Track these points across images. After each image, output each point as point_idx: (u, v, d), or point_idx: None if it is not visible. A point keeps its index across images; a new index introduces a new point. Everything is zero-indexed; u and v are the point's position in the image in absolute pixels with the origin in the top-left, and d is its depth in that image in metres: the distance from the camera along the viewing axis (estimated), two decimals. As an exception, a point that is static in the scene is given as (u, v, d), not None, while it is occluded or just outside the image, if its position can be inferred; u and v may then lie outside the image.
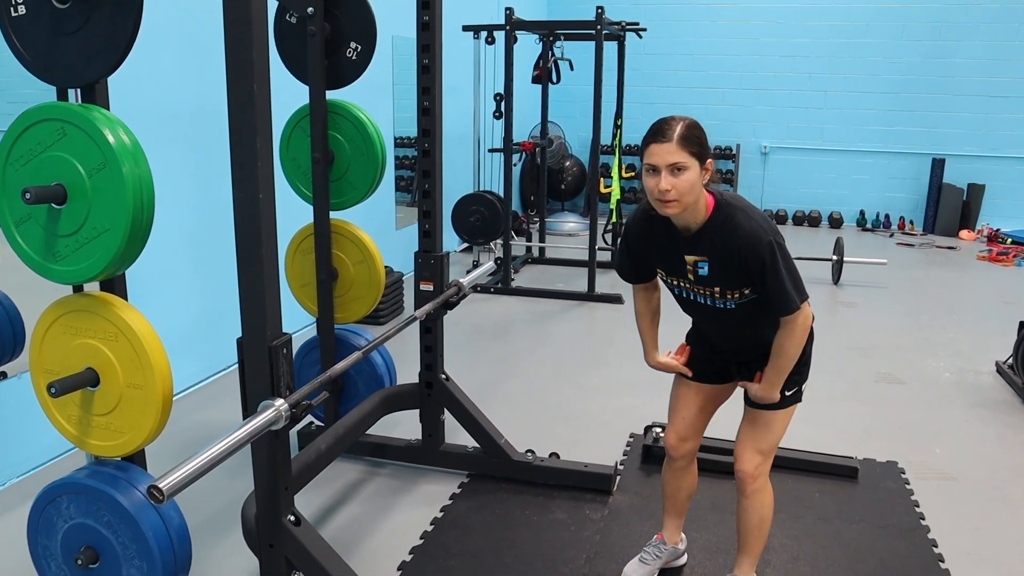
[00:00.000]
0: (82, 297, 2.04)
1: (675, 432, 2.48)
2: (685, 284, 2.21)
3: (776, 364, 2.19)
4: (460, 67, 6.78)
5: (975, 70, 9.12)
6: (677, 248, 2.15)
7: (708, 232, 2.09)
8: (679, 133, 1.98)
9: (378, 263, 3.24)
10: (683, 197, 2.00)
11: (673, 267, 2.21)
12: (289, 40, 3.08)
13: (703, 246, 2.10)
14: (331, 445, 2.80)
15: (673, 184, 1.98)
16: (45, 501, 2.17)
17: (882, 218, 9.67)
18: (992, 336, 5.28)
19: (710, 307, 2.21)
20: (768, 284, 2.04)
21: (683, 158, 1.97)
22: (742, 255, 2.03)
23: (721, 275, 2.11)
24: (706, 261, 2.11)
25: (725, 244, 2.06)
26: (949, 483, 3.34)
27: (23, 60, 1.97)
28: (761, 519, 2.37)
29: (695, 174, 1.99)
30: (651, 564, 2.61)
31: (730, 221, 2.06)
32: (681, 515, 2.65)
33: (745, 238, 2.03)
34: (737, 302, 2.15)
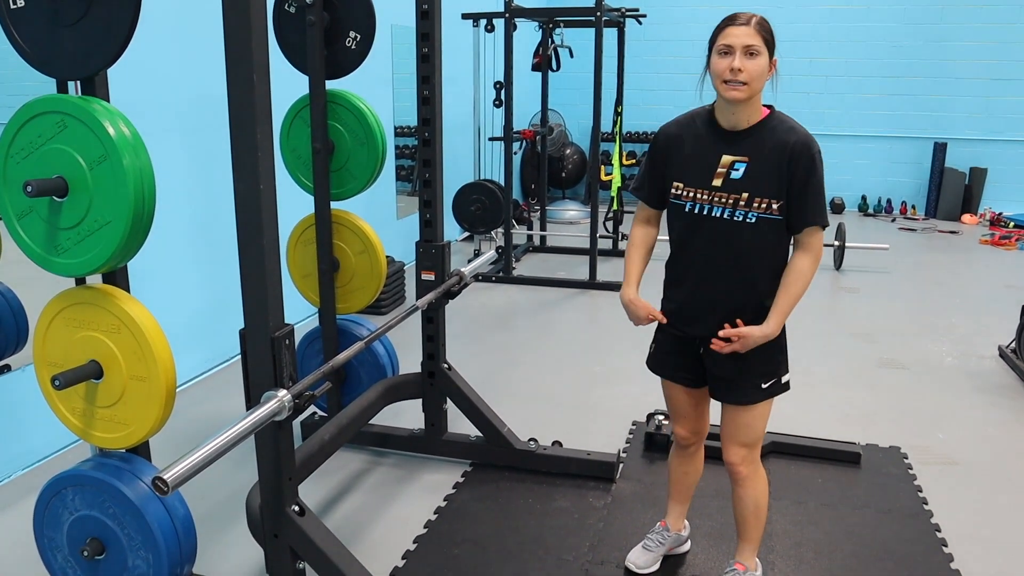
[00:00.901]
0: (84, 290, 2.04)
1: (683, 426, 2.48)
2: (703, 196, 2.13)
3: (789, 290, 2.11)
4: (460, 55, 6.76)
5: (976, 53, 9.08)
6: (715, 147, 2.12)
7: (758, 132, 2.09)
8: (757, 19, 2.04)
9: (379, 253, 3.24)
10: (753, 82, 2.02)
11: (697, 174, 2.14)
12: (288, 30, 3.07)
13: (747, 145, 2.09)
14: (334, 435, 2.80)
15: (745, 66, 2.00)
16: (50, 493, 2.18)
17: (884, 203, 9.65)
18: (994, 320, 5.27)
19: (722, 222, 2.12)
20: (808, 190, 2.05)
21: (757, 42, 2.01)
22: (793, 155, 2.04)
23: (756, 178, 2.07)
24: (745, 162, 2.08)
25: (775, 144, 2.06)
26: (952, 468, 3.34)
27: (22, 52, 1.97)
28: (757, 506, 2.37)
29: (765, 62, 2.02)
30: (654, 551, 2.62)
31: (785, 124, 2.10)
32: (685, 501, 2.66)
33: (800, 140, 2.06)
34: (758, 215, 2.09)
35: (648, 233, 2.39)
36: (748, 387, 2.23)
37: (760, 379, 2.22)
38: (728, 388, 2.27)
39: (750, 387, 2.23)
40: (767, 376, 2.22)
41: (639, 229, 2.38)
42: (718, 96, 2.10)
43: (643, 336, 2.50)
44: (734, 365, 2.22)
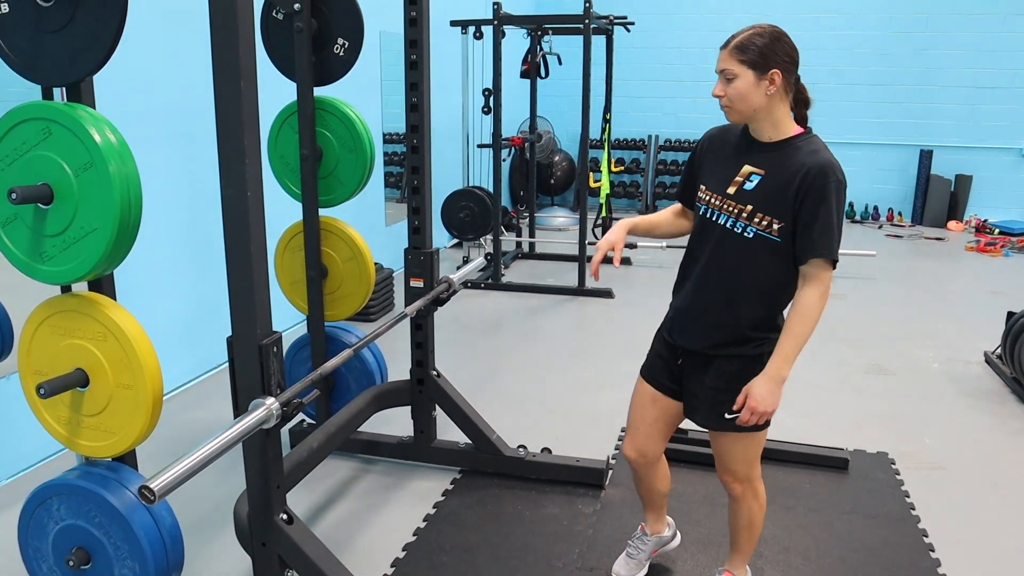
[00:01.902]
0: (70, 297, 2.03)
1: (631, 444, 2.40)
2: (716, 200, 2.08)
3: (797, 330, 1.99)
4: (448, 62, 6.77)
5: (962, 61, 9.16)
6: (740, 155, 2.08)
7: (782, 148, 2.03)
8: (736, 41, 1.99)
9: (368, 260, 3.23)
10: (734, 104, 2.00)
11: (720, 177, 2.10)
12: (276, 36, 3.06)
13: (768, 159, 2.04)
14: (323, 443, 2.79)
15: (724, 90, 2.00)
16: (36, 503, 2.16)
17: (871, 210, 9.71)
18: (980, 326, 5.31)
19: (724, 231, 2.07)
20: (818, 219, 1.94)
21: (731, 66, 1.97)
22: (809, 178, 1.95)
23: (765, 194, 2.00)
24: (761, 174, 2.02)
25: (794, 163, 1.98)
26: (939, 473, 3.36)
27: (7, 59, 1.96)
28: (750, 522, 2.35)
29: (746, 83, 1.97)
30: (637, 557, 2.61)
31: (811, 146, 2.02)
32: (661, 508, 2.61)
33: (820, 163, 1.96)
34: (756, 231, 2.01)
35: (677, 215, 2.36)
36: (712, 414, 2.18)
37: (723, 408, 2.14)
38: (695, 409, 2.25)
39: (714, 414, 2.18)
40: (731, 407, 2.12)
41: (670, 212, 2.38)
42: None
43: (632, 343, 2.51)
44: (703, 386, 2.18)
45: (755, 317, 2.09)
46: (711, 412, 2.18)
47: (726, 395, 2.12)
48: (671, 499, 3.07)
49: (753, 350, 2.11)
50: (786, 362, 2.02)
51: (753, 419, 2.04)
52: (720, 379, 2.14)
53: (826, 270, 1.99)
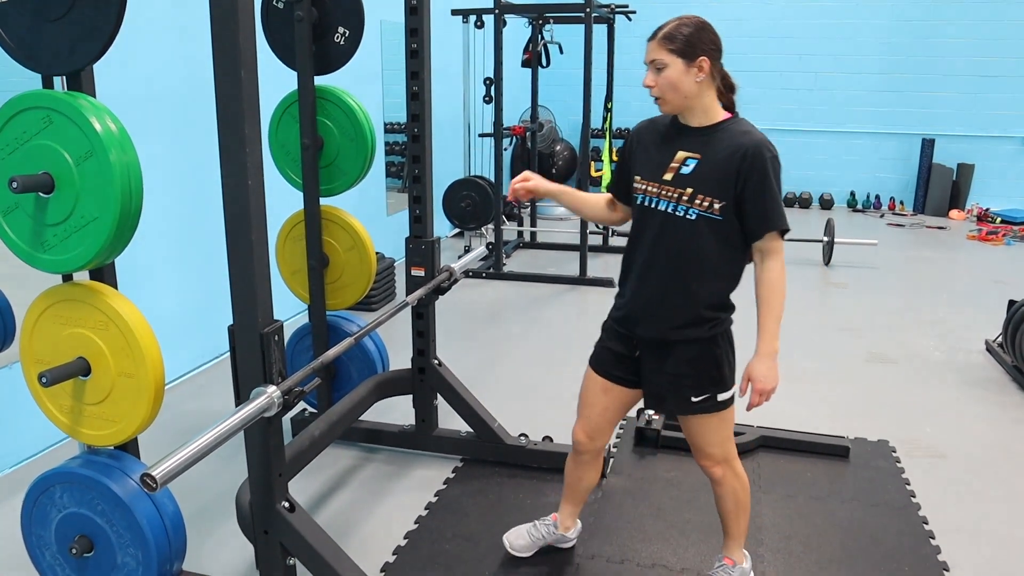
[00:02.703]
0: (72, 286, 2.04)
1: (583, 429, 2.42)
2: (654, 189, 2.12)
3: (776, 306, 2.07)
4: (449, 51, 6.75)
5: (964, 50, 9.13)
6: (674, 144, 2.12)
7: (715, 132, 2.08)
8: (663, 32, 2.03)
9: (369, 249, 3.23)
10: (665, 94, 2.05)
11: (654, 166, 2.14)
12: (276, 25, 3.05)
13: (702, 144, 2.08)
14: (324, 431, 2.80)
15: (655, 81, 2.04)
16: (38, 491, 2.17)
17: (872, 199, 9.69)
18: (982, 315, 5.31)
19: (666, 217, 2.10)
20: (765, 195, 2.02)
21: (661, 55, 2.02)
22: (744, 157, 2.01)
23: (704, 176, 2.05)
24: (697, 159, 2.07)
25: (728, 144, 2.04)
26: (939, 461, 3.36)
27: (7, 47, 1.96)
28: (737, 502, 2.36)
29: (676, 72, 2.02)
30: (535, 540, 2.64)
31: (742, 127, 2.08)
32: (580, 503, 2.65)
33: (752, 142, 2.03)
34: (698, 212, 2.05)
35: (605, 205, 2.41)
36: (680, 400, 2.20)
37: (690, 392, 2.18)
38: (660, 399, 2.26)
39: (679, 399, 2.20)
40: (698, 391, 2.17)
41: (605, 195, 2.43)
42: None
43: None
44: (665, 374, 2.20)
45: (706, 296, 2.12)
46: (679, 398, 2.20)
47: (690, 380, 2.17)
48: (672, 486, 3.09)
49: (709, 331, 2.15)
50: (774, 338, 2.08)
51: (763, 400, 2.10)
52: (682, 365, 2.17)
53: (779, 241, 2.07)
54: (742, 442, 3.37)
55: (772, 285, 2.06)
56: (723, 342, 2.18)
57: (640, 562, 2.65)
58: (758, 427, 3.51)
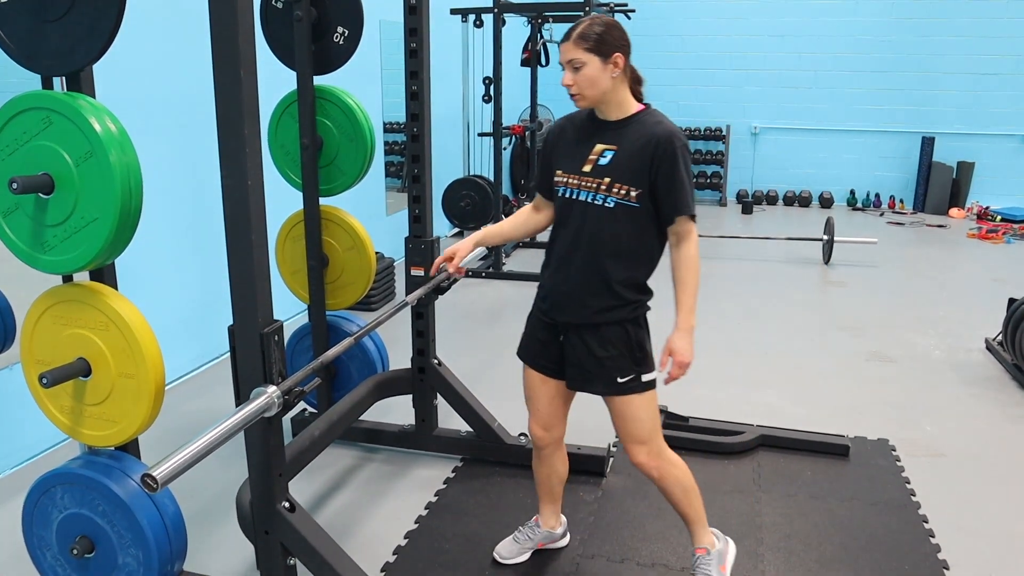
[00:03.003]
0: (72, 287, 2.04)
1: (536, 423, 2.50)
2: (574, 181, 2.22)
3: (691, 284, 2.18)
4: (448, 51, 6.74)
5: (963, 47, 9.12)
6: (591, 136, 2.22)
7: (630, 124, 2.19)
8: (577, 32, 2.12)
9: (369, 249, 3.23)
10: (584, 91, 2.14)
11: (574, 160, 2.23)
12: (276, 25, 3.06)
13: (618, 135, 2.18)
14: (324, 431, 2.80)
15: (574, 80, 2.13)
16: (39, 492, 2.17)
17: (872, 197, 9.69)
18: (982, 313, 5.31)
19: (585, 206, 2.20)
20: (676, 181, 2.12)
21: (579, 55, 2.11)
22: (656, 147, 2.11)
23: (620, 165, 2.15)
24: (613, 150, 2.17)
25: (641, 135, 2.15)
26: (939, 460, 3.37)
27: (6, 48, 1.95)
28: (684, 490, 2.38)
29: (594, 69, 2.11)
30: (522, 543, 2.66)
31: (654, 119, 2.19)
32: (555, 501, 2.67)
33: (664, 132, 2.14)
34: (616, 200, 2.15)
35: (531, 214, 2.47)
36: (603, 380, 2.26)
37: (615, 373, 2.24)
38: (585, 380, 2.31)
39: (605, 380, 2.26)
40: (624, 371, 2.24)
41: (525, 207, 2.50)
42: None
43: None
44: (589, 357, 2.26)
45: (625, 280, 2.21)
46: (607, 380, 2.26)
47: (616, 361, 2.24)
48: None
49: (631, 313, 2.24)
50: (691, 313, 2.19)
51: (681, 373, 2.20)
52: (608, 347, 2.24)
53: (691, 224, 2.18)
54: (741, 441, 3.38)
55: (687, 264, 2.18)
56: (643, 325, 2.28)
57: (640, 561, 2.66)
58: (758, 426, 3.52)
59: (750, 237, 7.64)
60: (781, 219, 9.04)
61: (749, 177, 10.04)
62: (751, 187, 10.05)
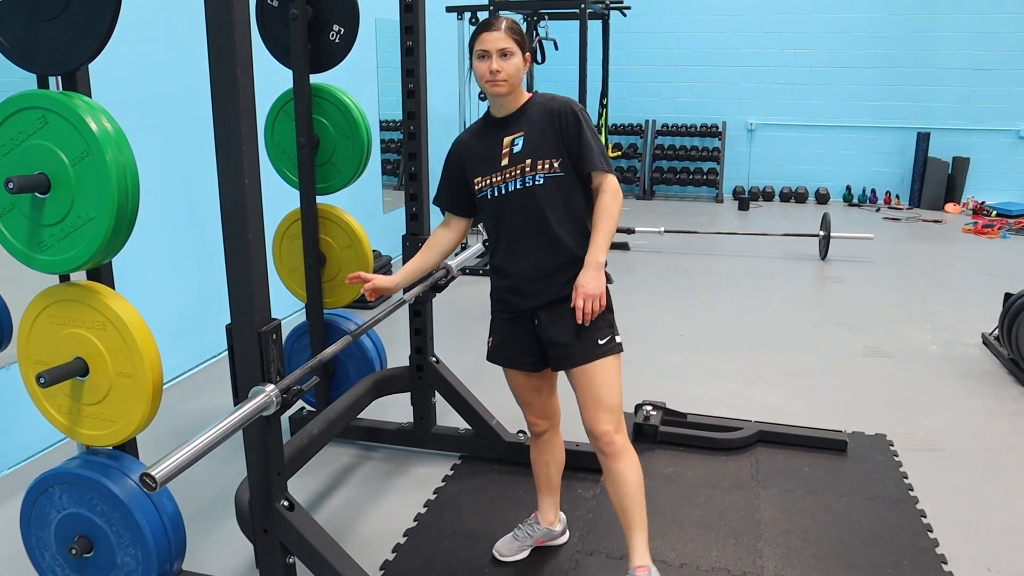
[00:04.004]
0: (69, 287, 2.03)
1: (532, 415, 2.56)
2: (497, 178, 2.31)
3: (602, 226, 2.25)
4: (444, 48, 6.74)
5: (958, 43, 9.13)
6: (497, 136, 2.32)
7: (527, 110, 2.32)
8: (507, 24, 2.27)
9: (366, 247, 3.23)
10: (511, 78, 2.26)
11: (489, 161, 2.32)
12: (271, 24, 3.05)
13: (520, 123, 2.31)
14: (323, 430, 2.80)
15: (502, 66, 2.24)
16: (37, 492, 2.17)
17: (868, 193, 9.70)
18: (978, 308, 5.32)
19: (518, 194, 2.28)
20: (582, 141, 2.25)
21: (510, 44, 2.24)
22: (558, 115, 2.26)
23: (535, 145, 2.27)
24: (523, 136, 2.29)
25: (541, 113, 2.29)
26: (937, 454, 3.37)
27: (2, 48, 1.95)
28: (639, 480, 2.32)
29: (519, 60, 2.26)
30: (521, 541, 2.67)
31: (545, 97, 2.34)
32: (554, 492, 2.68)
33: (561, 104, 2.29)
34: (544, 175, 2.26)
35: (443, 235, 2.51)
36: (585, 346, 2.28)
37: (595, 335, 2.29)
38: (569, 354, 2.31)
39: (587, 345, 2.28)
40: (602, 332, 2.30)
41: (436, 230, 2.54)
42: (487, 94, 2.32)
43: (631, 328, 2.51)
44: (566, 328, 2.28)
45: (577, 247, 2.28)
46: (587, 345, 2.28)
47: (593, 324, 2.27)
48: (670, 482, 3.09)
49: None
50: (600, 250, 2.24)
51: (587, 304, 2.21)
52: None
53: (606, 175, 2.28)
54: (740, 437, 3.39)
55: (603, 209, 2.26)
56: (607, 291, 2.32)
57: (639, 557, 2.66)
58: (756, 422, 3.52)
59: (746, 233, 7.65)
60: (777, 215, 9.05)
61: (745, 173, 10.04)
62: (747, 183, 10.06)
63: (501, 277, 2.40)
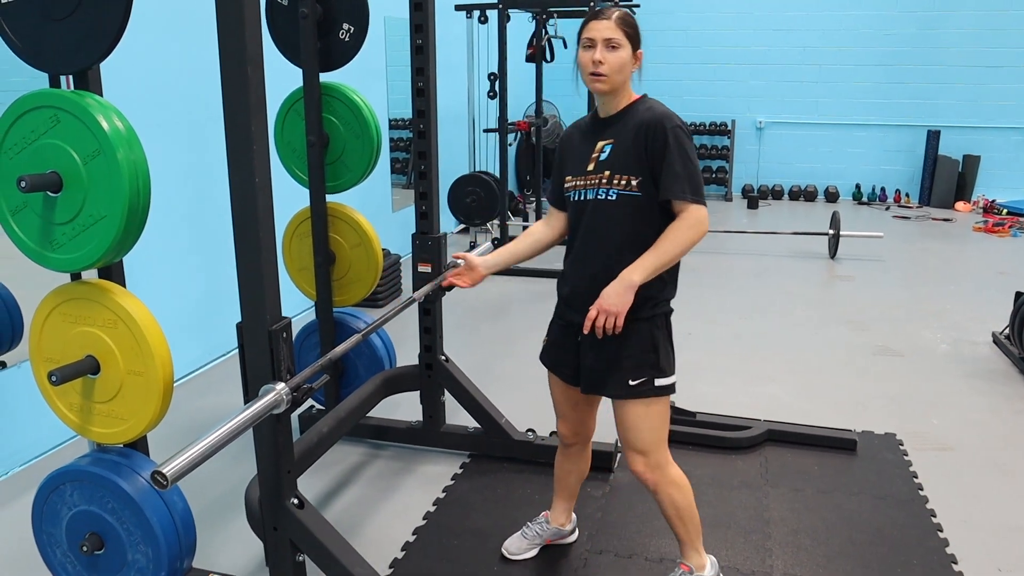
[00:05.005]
0: (80, 285, 2.04)
1: (563, 425, 2.49)
2: (580, 181, 2.21)
3: (659, 246, 2.08)
4: (453, 47, 6.74)
5: (968, 40, 9.08)
6: (594, 137, 2.22)
7: (625, 115, 2.17)
8: (619, 14, 2.14)
9: (375, 245, 3.24)
10: (613, 74, 2.12)
11: (580, 162, 2.22)
12: (281, 22, 3.06)
13: (614, 129, 2.17)
14: (332, 428, 2.80)
15: (606, 58, 2.10)
16: (49, 489, 2.18)
17: (878, 191, 9.67)
18: (988, 307, 5.29)
19: (592, 204, 2.17)
20: (666, 163, 2.07)
21: (618, 36, 2.10)
22: (648, 131, 2.09)
23: (618, 157, 2.14)
24: (611, 143, 2.16)
25: (635, 124, 2.13)
26: (947, 453, 3.36)
27: (14, 47, 1.96)
28: (677, 509, 2.28)
29: (627, 54, 2.12)
30: (530, 539, 2.66)
31: (647, 104, 2.18)
32: (571, 498, 2.66)
33: (655, 117, 2.11)
34: (618, 192, 2.13)
35: (540, 228, 2.46)
36: (614, 381, 2.19)
37: (627, 375, 2.17)
38: (596, 381, 2.25)
39: (616, 381, 2.19)
40: (635, 373, 2.16)
41: (540, 223, 2.48)
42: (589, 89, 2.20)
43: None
44: (602, 356, 2.20)
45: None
46: (617, 381, 2.19)
47: (628, 361, 2.17)
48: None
49: (648, 312, 2.17)
50: (640, 270, 2.07)
51: (600, 318, 2.07)
52: (620, 347, 2.17)
53: (690, 207, 2.08)
54: (749, 436, 3.38)
55: (669, 231, 2.09)
56: (661, 327, 2.21)
57: (648, 556, 2.66)
58: (765, 421, 3.51)
59: (756, 232, 7.63)
60: (787, 214, 9.02)
61: (754, 172, 10.01)
62: (756, 182, 10.03)
63: (563, 284, 2.33)
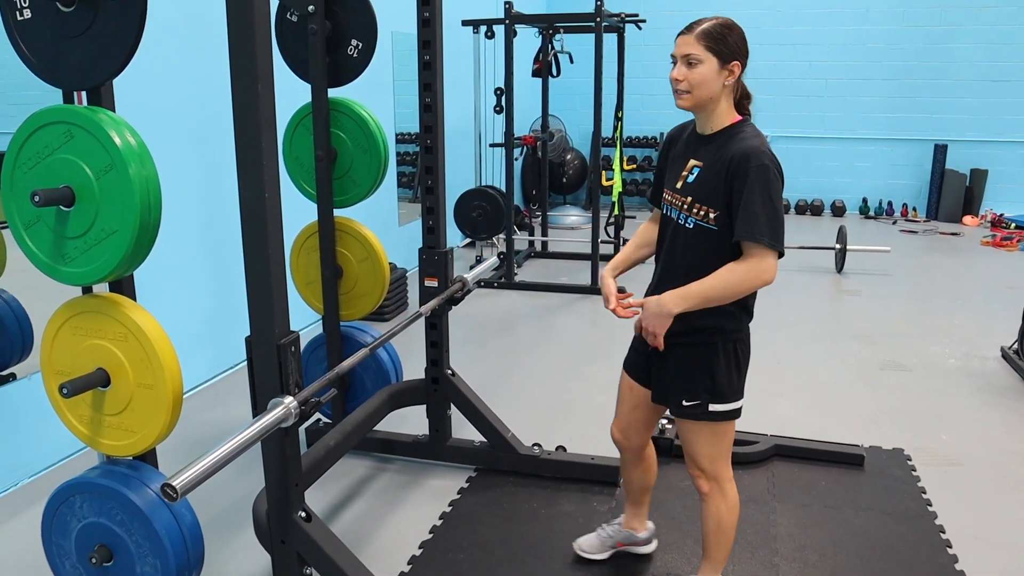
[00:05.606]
0: (91, 298, 2.06)
1: (616, 425, 2.50)
2: (669, 197, 2.18)
3: (707, 281, 2.00)
4: (460, 62, 6.78)
5: (976, 54, 9.10)
6: (690, 151, 2.15)
7: (719, 138, 2.07)
8: (703, 28, 2.02)
9: (383, 260, 3.25)
10: (694, 90, 2.03)
11: (675, 176, 2.17)
12: (291, 38, 3.09)
13: (707, 151, 2.08)
14: (339, 442, 2.81)
15: (685, 75, 2.02)
16: (58, 501, 2.19)
17: (885, 205, 9.66)
18: (997, 321, 5.28)
19: (674, 225, 2.14)
20: (743, 202, 1.96)
21: (698, 51, 2.00)
22: (733, 165, 1.98)
23: (702, 185, 2.06)
24: (700, 166, 2.09)
25: (723, 153, 2.02)
26: (955, 469, 3.35)
27: (29, 63, 1.99)
28: (718, 524, 2.28)
29: (710, 70, 2.00)
30: (603, 540, 2.66)
31: (742, 133, 2.05)
32: (637, 505, 2.64)
33: (743, 149, 1.99)
34: (696, 221, 2.07)
35: (649, 229, 2.40)
36: (672, 397, 2.21)
37: (681, 396, 2.18)
38: (659, 393, 2.28)
39: (674, 399, 2.21)
40: (689, 395, 2.16)
41: (646, 224, 2.43)
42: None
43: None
44: (666, 371, 2.22)
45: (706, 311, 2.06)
46: (674, 400, 2.21)
47: (686, 383, 2.17)
48: (686, 495, 3.08)
49: (707, 338, 2.14)
50: (680, 298, 2.03)
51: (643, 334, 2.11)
52: (681, 368, 2.18)
53: (758, 251, 1.97)
54: (756, 451, 3.37)
55: (723, 272, 2.00)
56: (725, 353, 2.14)
57: (654, 572, 2.65)
58: (772, 436, 3.51)
59: (762, 246, 7.62)
60: (793, 228, 9.02)
61: (761, 186, 10.02)
62: (763, 196, 10.03)
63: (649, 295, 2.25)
